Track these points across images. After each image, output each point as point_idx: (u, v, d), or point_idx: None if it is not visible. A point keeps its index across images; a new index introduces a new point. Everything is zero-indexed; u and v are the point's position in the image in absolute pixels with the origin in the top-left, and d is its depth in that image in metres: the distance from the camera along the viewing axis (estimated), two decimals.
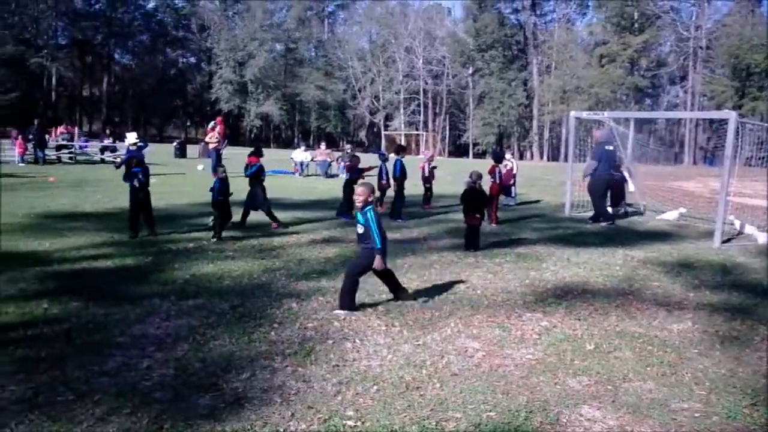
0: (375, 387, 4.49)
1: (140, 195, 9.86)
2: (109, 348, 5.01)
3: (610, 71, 63.23)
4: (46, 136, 26.00)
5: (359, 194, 6.33)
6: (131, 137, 22.85)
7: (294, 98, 76.17)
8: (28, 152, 24.54)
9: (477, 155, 69.89)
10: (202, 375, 4.56)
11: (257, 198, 11.46)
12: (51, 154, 25.81)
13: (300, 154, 25.89)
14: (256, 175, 11.61)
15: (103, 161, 26.15)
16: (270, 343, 5.27)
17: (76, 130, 31.44)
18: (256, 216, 12.32)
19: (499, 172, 13.48)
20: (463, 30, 74.30)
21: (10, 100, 62.94)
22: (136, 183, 9.83)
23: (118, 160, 22.90)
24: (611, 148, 13.82)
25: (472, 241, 9.82)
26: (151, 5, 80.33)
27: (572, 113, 16.11)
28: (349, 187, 12.48)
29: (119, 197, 14.28)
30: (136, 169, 9.92)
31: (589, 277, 8.24)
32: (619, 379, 4.80)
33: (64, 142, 26.86)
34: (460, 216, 10.52)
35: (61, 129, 29.22)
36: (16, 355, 4.76)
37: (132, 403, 4.07)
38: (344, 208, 12.69)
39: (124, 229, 9.81)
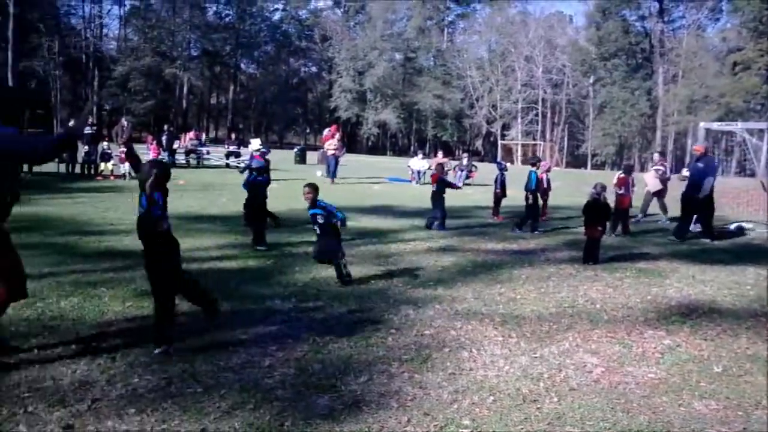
0: (491, 397, 4.46)
1: (257, 201, 9.96)
2: (233, 345, 5.23)
3: (744, 79, 59.90)
4: (177, 141, 27.45)
5: (306, 194, 7.55)
6: (255, 143, 23.69)
7: (411, 107, 76.76)
8: (160, 156, 25.98)
9: (595, 166, 67.98)
10: (321, 376, 4.68)
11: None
12: (181, 158, 27.21)
13: (417, 163, 26.04)
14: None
15: (227, 166, 27.27)
16: (387, 349, 5.34)
17: (203, 135, 33.08)
18: (372, 222, 12.53)
19: (631, 184, 13.09)
20: (585, 38, 72.61)
21: (147, 107, 67.06)
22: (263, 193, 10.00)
23: (242, 165, 23.90)
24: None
25: (591, 253, 9.56)
26: (276, 17, 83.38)
27: (702, 124, 15.43)
28: (437, 197, 12.49)
29: (242, 201, 14.89)
30: (259, 178, 10.10)
31: (717, 295, 7.84)
32: (751, 406, 4.54)
33: (193, 148, 28.24)
34: (579, 228, 10.28)
35: (190, 135, 30.74)
36: (150, 348, 5.04)
37: (255, 399, 4.23)
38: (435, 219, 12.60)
39: (248, 232, 10.16)
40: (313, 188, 7.65)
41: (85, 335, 5.25)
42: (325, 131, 24.17)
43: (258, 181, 10.12)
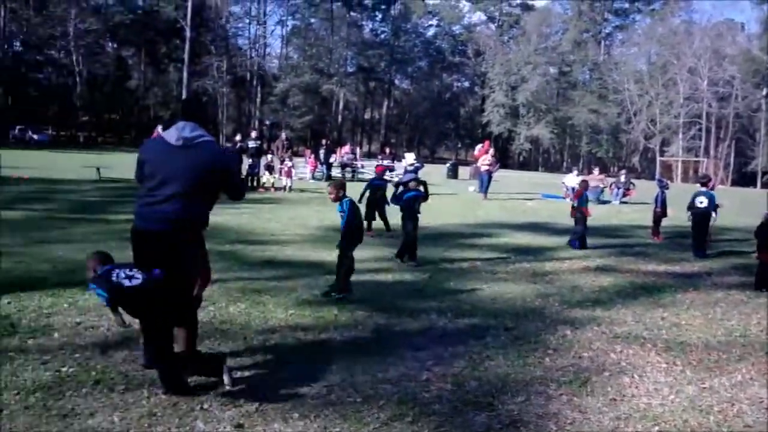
0: (656, 428, 4.25)
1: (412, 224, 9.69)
2: (390, 357, 5.31)
3: None
4: (333, 155, 28.40)
5: (330, 191, 7.47)
6: (409, 158, 24.08)
7: (565, 122, 75.08)
8: (317, 170, 27.05)
9: (765, 185, 63.14)
10: (477, 393, 4.65)
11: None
12: (336, 172, 28.11)
13: (572, 179, 25.37)
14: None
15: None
16: (545, 369, 5.23)
17: (357, 149, 34.05)
18: (526, 239, 12.36)
19: None
20: (758, 47, 67.81)
21: (304, 122, 70.02)
22: (417, 207, 9.78)
23: (395, 179, 24.33)
24: None
25: (765, 279, 8.89)
26: (430, 33, 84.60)
27: None
28: (578, 214, 12.08)
29: (396, 215, 15.13)
30: (414, 193, 9.87)
31: None
32: None
33: (349, 162, 29.11)
34: (749, 251, 9.61)
35: (345, 149, 31.69)
36: (315, 353, 5.24)
37: (413, 412, 4.27)
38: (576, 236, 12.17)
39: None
40: (336, 186, 7.48)
41: (252, 340, 5.53)
42: (478, 147, 24.11)
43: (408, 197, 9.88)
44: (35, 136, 60.57)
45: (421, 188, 10.08)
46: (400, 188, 10.38)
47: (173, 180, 4.32)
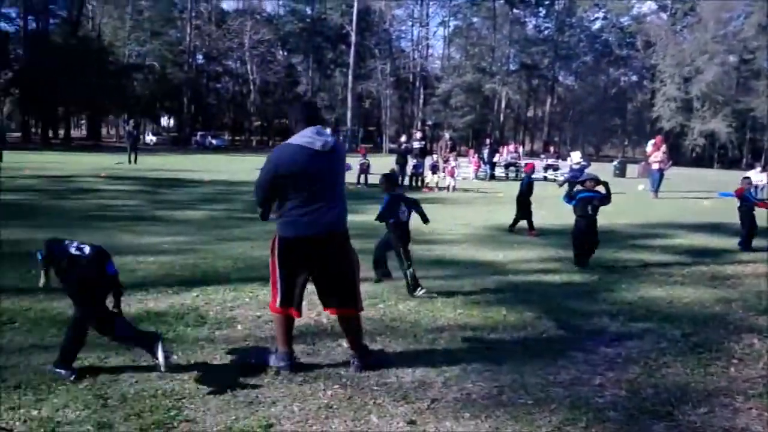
0: None
1: (584, 223, 9.26)
2: (561, 359, 5.20)
3: None
4: (496, 155, 28.23)
5: (380, 184, 7.70)
6: (575, 156, 23.47)
7: (746, 114, 69.71)
8: (480, 169, 26.98)
9: None
10: (655, 401, 4.45)
11: None
12: (500, 171, 27.93)
13: (756, 176, 23.55)
14: None
15: (545, 179, 27.30)
16: (729, 380, 4.90)
17: (520, 148, 33.62)
18: (703, 240, 11.68)
19: None
20: None
21: (466, 122, 70.07)
22: (589, 210, 9.25)
23: (561, 178, 23.78)
24: None
25: None
26: (596, 26, 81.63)
27: None
28: (744, 213, 11.11)
29: (562, 215, 14.77)
30: (589, 194, 9.38)
31: None
32: None
33: (513, 161, 28.80)
34: None
35: (509, 148, 31.38)
36: (484, 353, 5.24)
37: (586, 417, 4.15)
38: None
39: (569, 246, 10.01)
40: (384, 180, 7.66)
41: (422, 338, 5.62)
42: (650, 143, 22.97)
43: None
44: (214, 141, 65.09)
45: (601, 189, 9.42)
46: (577, 187, 9.82)
47: (331, 185, 4.65)
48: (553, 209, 15.94)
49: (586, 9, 79.37)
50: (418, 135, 24.74)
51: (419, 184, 21.92)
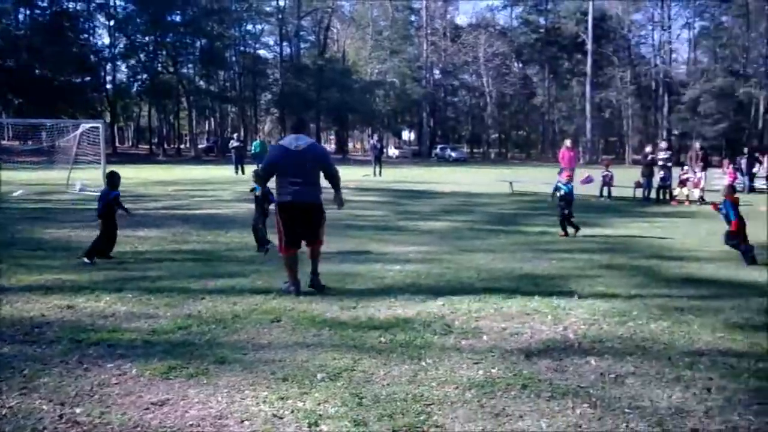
0: None
1: None
2: None
3: None
4: (757, 165, 25.76)
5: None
6: None
7: None
8: (737, 181, 24.73)
9: None
10: None
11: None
12: (761, 183, 25.43)
13: None
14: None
15: None
16: None
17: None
18: None
19: None
20: None
21: (718, 130, 64.79)
22: None
23: None
24: None
25: None
26: None
27: None
28: None
29: None
30: None
31: None
32: None
33: None
34: None
35: None
36: (749, 385, 4.77)
37: None
38: None
39: None
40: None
41: (677, 361, 5.25)
42: None
43: None
44: (453, 154, 66.55)
45: None
46: None
47: (303, 172, 7.06)
48: None
49: None
50: (664, 145, 23.38)
51: (667, 197, 20.63)
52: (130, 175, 24.53)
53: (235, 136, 37.51)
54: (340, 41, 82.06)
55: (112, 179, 9.22)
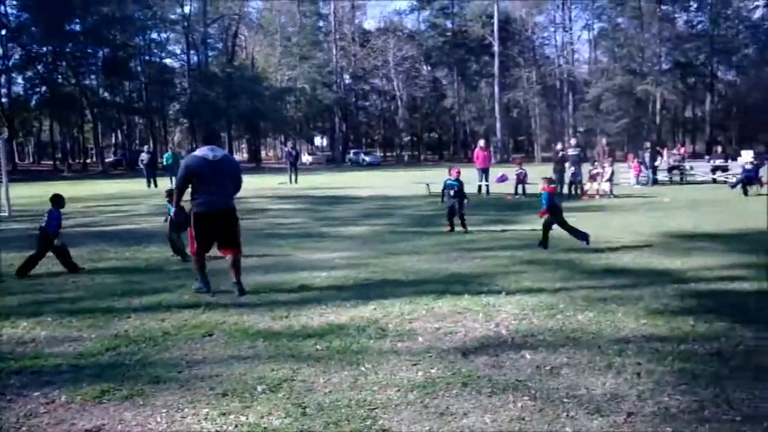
0: None
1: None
2: (766, 374, 4.83)
3: None
4: (658, 158, 27.01)
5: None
6: (746, 156, 22.06)
7: None
8: (642, 174, 25.87)
9: None
10: None
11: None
12: (662, 176, 26.66)
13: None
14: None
15: (714, 181, 25.76)
16: None
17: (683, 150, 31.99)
18: None
19: None
20: None
21: (620, 126, 67.54)
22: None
23: (733, 179, 22.32)
24: None
25: None
26: (757, 15, 76.11)
27: None
28: None
29: (740, 218, 13.88)
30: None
31: None
32: None
33: (676, 164, 27.44)
34: None
35: (680, 150, 29.94)
36: (674, 367, 4.98)
37: None
38: None
39: (751, 252, 9.39)
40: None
41: (607, 349, 5.42)
42: None
43: None
44: (367, 158, 66.91)
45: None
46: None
47: (219, 181, 7.39)
48: (727, 213, 15.05)
49: None
50: (573, 142, 24.17)
51: (578, 192, 21.34)
52: (36, 192, 23.58)
53: (145, 148, 36.48)
54: (248, 48, 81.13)
55: (59, 201, 9.40)
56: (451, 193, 12.77)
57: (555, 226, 10.73)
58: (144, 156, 31.67)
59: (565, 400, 4.38)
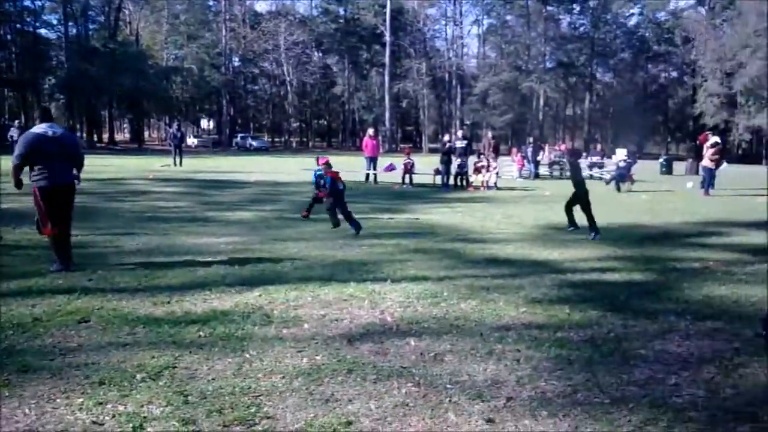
0: None
1: None
2: (633, 359, 5.11)
3: None
4: (540, 153, 28.03)
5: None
6: (620, 154, 23.22)
7: None
8: (524, 168, 26.81)
9: None
10: (737, 401, 4.34)
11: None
12: (544, 170, 27.74)
13: None
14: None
15: (591, 177, 26.95)
16: None
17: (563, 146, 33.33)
18: (764, 239, 11.40)
19: None
20: None
21: (505, 121, 69.67)
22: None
23: (608, 176, 23.50)
24: None
25: None
26: (632, 22, 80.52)
27: None
28: None
29: (613, 213, 14.60)
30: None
31: None
32: None
33: (557, 159, 28.56)
34: None
35: (562, 147, 31.10)
36: (551, 353, 5.19)
37: (666, 417, 4.07)
38: None
39: (624, 245, 9.92)
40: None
41: (489, 336, 5.58)
42: (712, 140, 21.91)
43: None
44: (254, 143, 65.77)
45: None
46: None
47: (59, 156, 7.53)
48: (602, 207, 15.78)
49: (622, 5, 78.21)
50: (461, 134, 24.72)
51: (464, 183, 21.84)
52: None
53: (15, 123, 34.34)
54: (133, 24, 77.68)
55: None
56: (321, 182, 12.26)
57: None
58: (14, 132, 29.83)
59: (448, 386, 4.47)
